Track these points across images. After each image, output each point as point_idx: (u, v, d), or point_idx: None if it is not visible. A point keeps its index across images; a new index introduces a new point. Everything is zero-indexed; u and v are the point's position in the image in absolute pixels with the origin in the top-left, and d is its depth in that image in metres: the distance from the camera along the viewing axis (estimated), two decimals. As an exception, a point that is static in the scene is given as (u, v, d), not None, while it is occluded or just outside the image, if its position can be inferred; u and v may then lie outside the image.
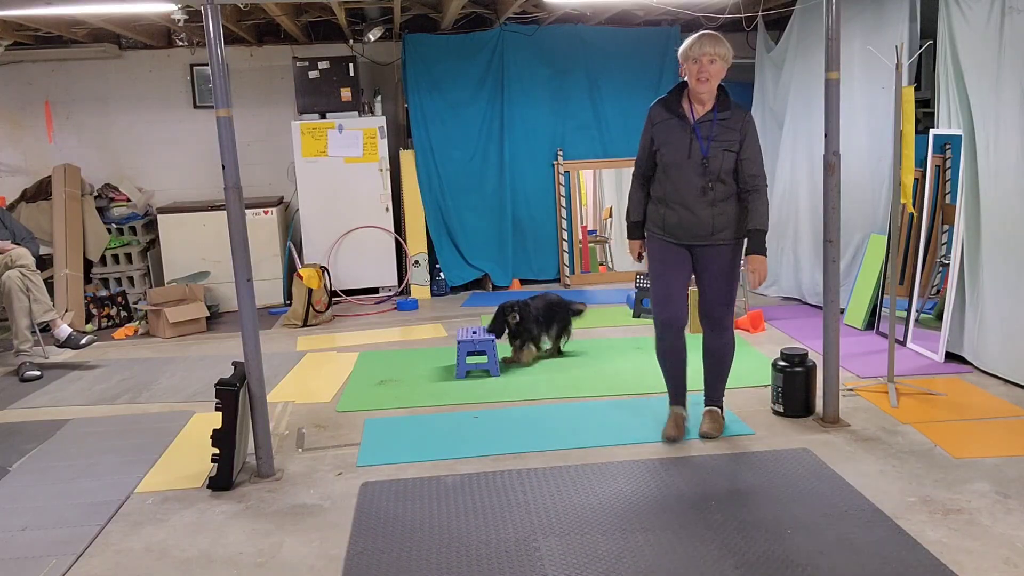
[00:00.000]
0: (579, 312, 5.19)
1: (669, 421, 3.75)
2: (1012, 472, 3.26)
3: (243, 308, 3.40)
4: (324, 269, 6.49)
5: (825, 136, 3.71)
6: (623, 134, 7.36)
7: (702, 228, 3.52)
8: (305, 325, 6.25)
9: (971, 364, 4.52)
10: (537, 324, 4.95)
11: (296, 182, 6.97)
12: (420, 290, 7.12)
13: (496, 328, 4.87)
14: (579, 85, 7.29)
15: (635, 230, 3.74)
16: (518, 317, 4.87)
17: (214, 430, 3.36)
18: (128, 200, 7.03)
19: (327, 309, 6.40)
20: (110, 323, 6.56)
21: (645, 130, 3.61)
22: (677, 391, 3.79)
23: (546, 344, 5.08)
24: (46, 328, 5.41)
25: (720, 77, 3.46)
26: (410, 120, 7.13)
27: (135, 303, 6.67)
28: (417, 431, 4.00)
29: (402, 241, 7.16)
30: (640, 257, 3.76)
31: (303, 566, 2.81)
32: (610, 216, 8.03)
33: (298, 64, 6.81)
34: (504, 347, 5.04)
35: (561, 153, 7.32)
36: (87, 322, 6.44)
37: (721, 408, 3.81)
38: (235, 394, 3.35)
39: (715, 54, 3.40)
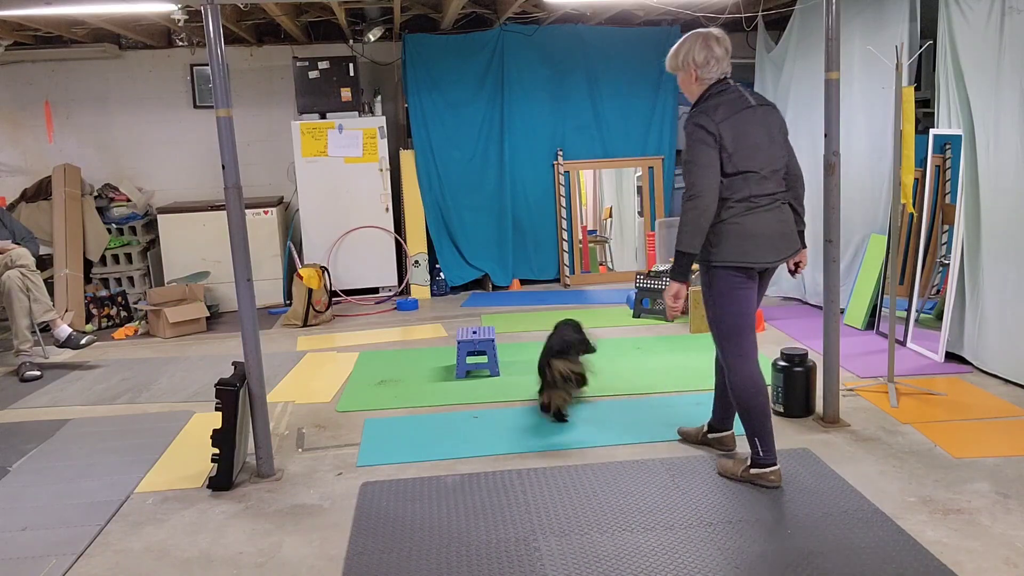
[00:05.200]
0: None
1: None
2: (1012, 472, 3.26)
3: (243, 308, 3.40)
4: (324, 269, 6.49)
5: (825, 136, 3.72)
6: (623, 134, 7.37)
7: None
8: (305, 325, 6.25)
9: (971, 364, 4.52)
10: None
11: (296, 182, 6.97)
12: (420, 290, 7.12)
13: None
14: (579, 85, 7.29)
15: None
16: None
17: (214, 430, 3.36)
18: (128, 200, 7.03)
19: (327, 309, 6.40)
20: (110, 323, 6.56)
21: None
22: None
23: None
24: (46, 328, 5.41)
25: (683, 85, 3.24)
26: (410, 120, 7.13)
27: (135, 303, 6.67)
28: (417, 431, 3.99)
29: (402, 241, 7.16)
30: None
31: (303, 566, 2.81)
32: (610, 216, 8.03)
33: (298, 64, 6.81)
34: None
35: (561, 153, 7.32)
36: (87, 322, 6.44)
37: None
38: (235, 394, 3.35)
39: (668, 68, 3.26)
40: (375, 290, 7.22)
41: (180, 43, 7.22)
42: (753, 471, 3.24)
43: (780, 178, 3.23)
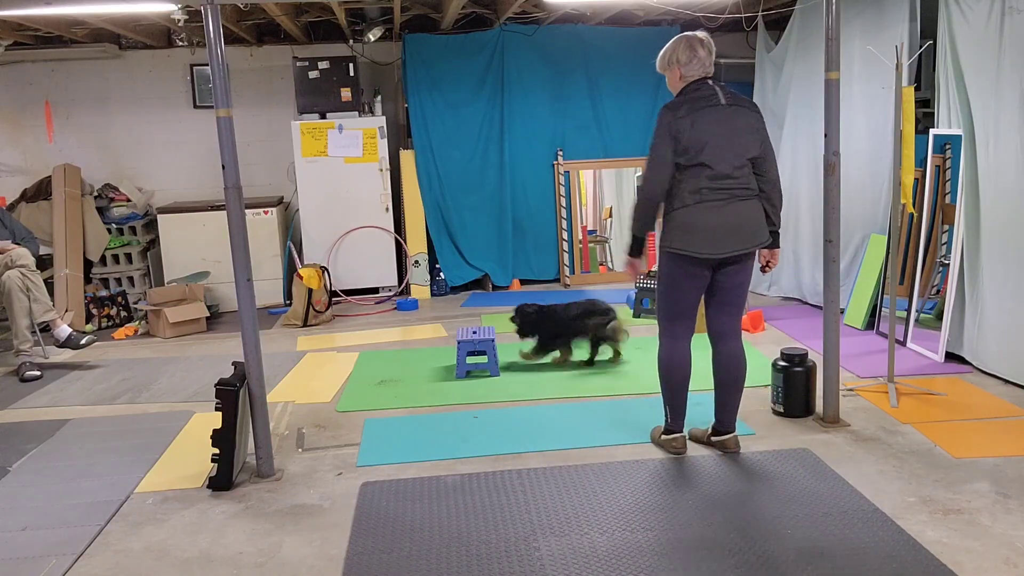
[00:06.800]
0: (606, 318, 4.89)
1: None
2: (1012, 472, 3.26)
3: (243, 308, 3.40)
4: (324, 269, 6.49)
5: (825, 136, 3.71)
6: (623, 134, 7.37)
7: None
8: (305, 325, 6.25)
9: (971, 364, 4.52)
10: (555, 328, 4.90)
11: (296, 182, 6.97)
12: (420, 290, 7.12)
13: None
14: (579, 85, 7.29)
15: None
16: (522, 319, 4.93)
17: (214, 430, 3.36)
18: (128, 200, 7.03)
19: (327, 309, 6.40)
20: (110, 323, 6.56)
21: None
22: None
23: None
24: (46, 328, 5.41)
25: (670, 84, 3.48)
26: (410, 120, 7.13)
27: (135, 303, 6.67)
28: (417, 431, 3.99)
29: (402, 241, 7.16)
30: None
31: (303, 566, 2.81)
32: (610, 216, 8.03)
33: (298, 64, 6.81)
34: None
35: (561, 153, 7.32)
36: (87, 322, 6.44)
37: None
38: (235, 394, 3.35)
39: (657, 69, 3.51)
40: (375, 290, 7.22)
41: (180, 43, 7.22)
42: (663, 437, 3.61)
43: (744, 175, 3.32)
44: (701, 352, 3.56)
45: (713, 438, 3.62)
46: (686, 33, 3.42)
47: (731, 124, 3.29)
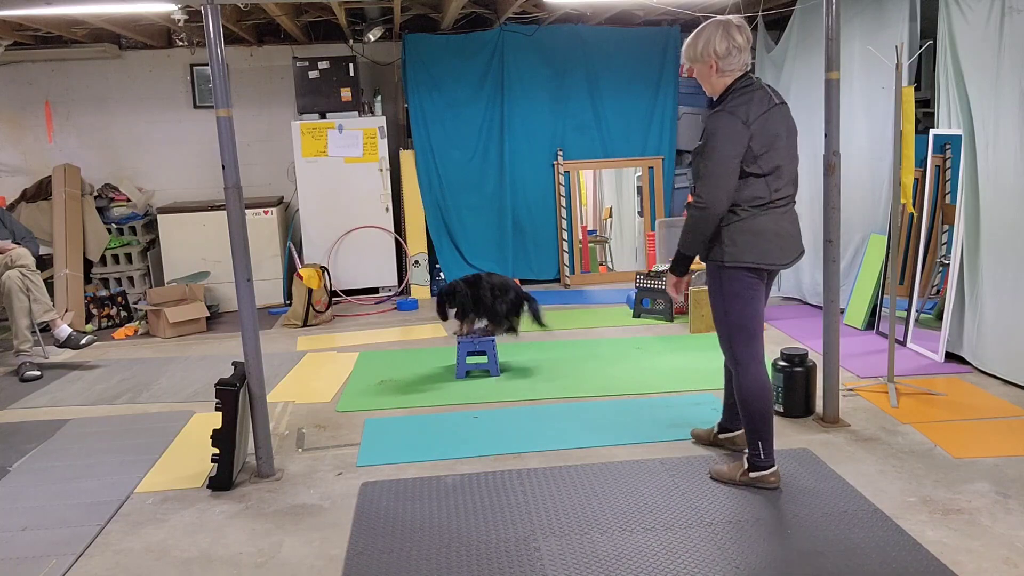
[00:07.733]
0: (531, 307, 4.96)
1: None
2: (1012, 472, 3.26)
3: (243, 308, 3.40)
4: (324, 269, 6.49)
5: (825, 136, 3.72)
6: (623, 134, 7.37)
7: None
8: (305, 325, 6.25)
9: (971, 364, 4.52)
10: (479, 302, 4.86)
11: (296, 182, 6.97)
12: (420, 290, 7.12)
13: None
14: (579, 85, 7.29)
15: None
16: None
17: (214, 430, 3.37)
18: (128, 200, 7.03)
19: (327, 309, 6.40)
20: (110, 323, 6.56)
21: None
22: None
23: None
24: (46, 328, 5.41)
25: (702, 78, 3.11)
26: (410, 120, 7.13)
27: (135, 303, 6.67)
28: (417, 431, 4.00)
29: (402, 241, 7.16)
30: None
31: (303, 566, 2.81)
32: (610, 216, 8.03)
33: (298, 64, 6.81)
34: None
35: (561, 153, 7.33)
36: (87, 322, 6.44)
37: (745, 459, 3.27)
38: (235, 394, 3.35)
39: (684, 59, 3.16)
40: (375, 290, 7.22)
41: (180, 43, 7.22)
42: (753, 475, 3.20)
43: (790, 180, 3.11)
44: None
45: (721, 435, 3.58)
46: (719, 18, 3.05)
47: (788, 126, 3.07)
